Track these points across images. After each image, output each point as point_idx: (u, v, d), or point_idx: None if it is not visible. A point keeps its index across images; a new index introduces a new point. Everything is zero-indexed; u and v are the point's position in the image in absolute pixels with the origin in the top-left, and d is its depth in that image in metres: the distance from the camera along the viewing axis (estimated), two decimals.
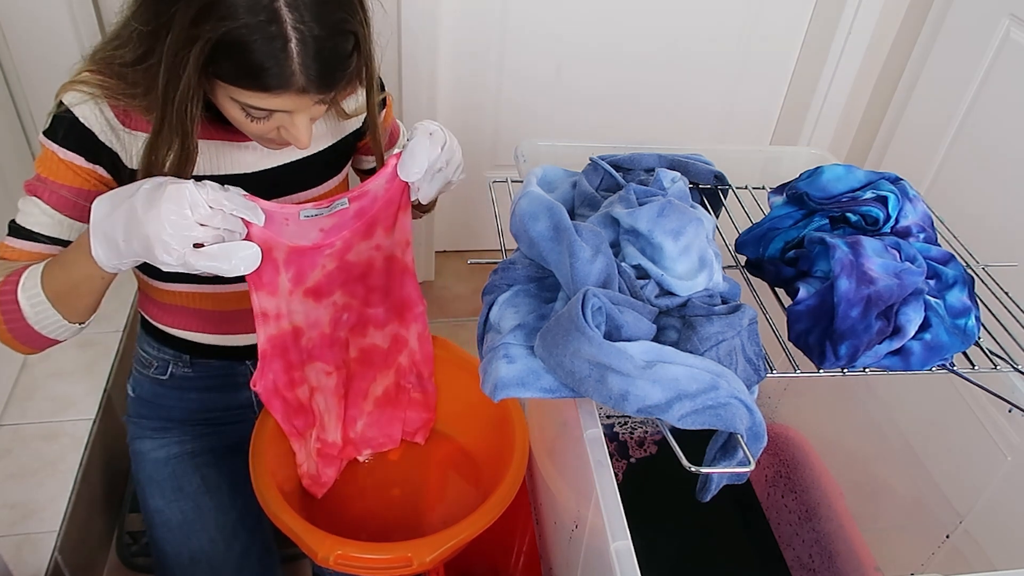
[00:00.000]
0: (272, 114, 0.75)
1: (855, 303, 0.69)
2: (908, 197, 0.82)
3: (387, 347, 0.99)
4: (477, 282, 2.05)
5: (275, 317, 0.85)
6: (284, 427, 0.93)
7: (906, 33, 1.82)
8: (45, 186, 0.81)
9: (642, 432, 1.29)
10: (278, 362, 0.89)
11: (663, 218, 0.70)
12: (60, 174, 0.81)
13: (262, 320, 0.84)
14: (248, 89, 0.71)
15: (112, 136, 0.82)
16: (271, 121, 0.76)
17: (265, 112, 0.74)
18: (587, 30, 1.79)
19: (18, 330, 0.79)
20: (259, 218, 0.75)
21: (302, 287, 0.85)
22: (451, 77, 1.81)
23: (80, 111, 0.79)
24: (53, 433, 1.27)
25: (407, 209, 0.87)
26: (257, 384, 0.88)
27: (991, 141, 1.58)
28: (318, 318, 0.90)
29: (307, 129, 0.78)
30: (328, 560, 0.79)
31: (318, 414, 0.98)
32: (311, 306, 0.88)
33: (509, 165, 1.88)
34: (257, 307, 0.82)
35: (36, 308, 0.78)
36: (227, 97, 0.74)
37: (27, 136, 1.46)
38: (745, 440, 0.63)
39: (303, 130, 0.77)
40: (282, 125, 0.78)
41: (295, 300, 0.86)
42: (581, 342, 0.61)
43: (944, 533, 0.97)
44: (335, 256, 0.85)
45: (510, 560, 1.20)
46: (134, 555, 1.32)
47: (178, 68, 0.70)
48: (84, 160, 0.81)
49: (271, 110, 0.74)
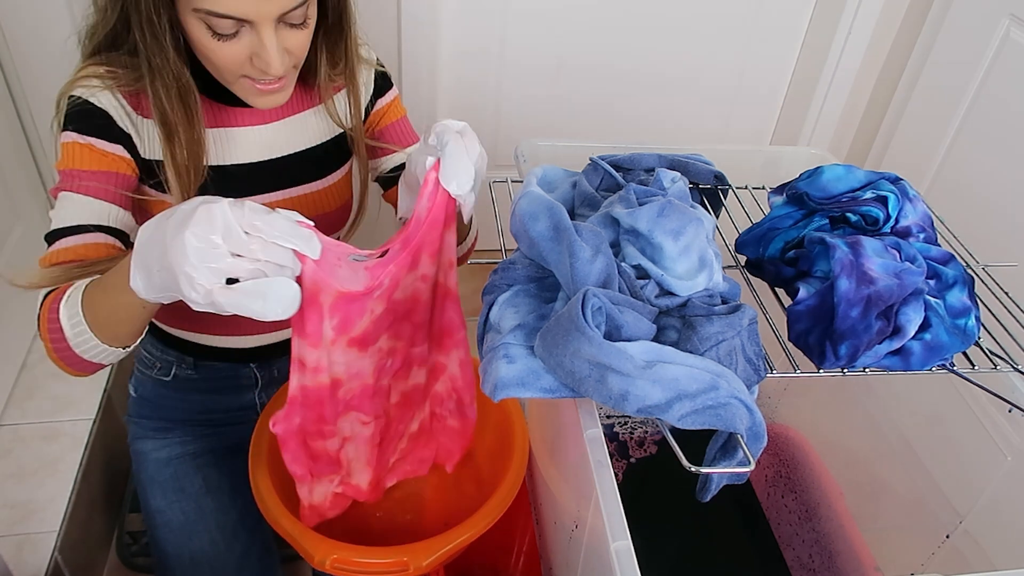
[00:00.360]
0: (239, 32, 0.74)
1: (855, 303, 0.69)
2: (908, 197, 0.82)
3: (426, 381, 0.89)
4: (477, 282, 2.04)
5: (313, 370, 0.74)
6: (293, 471, 0.82)
7: (906, 33, 1.82)
8: (71, 178, 0.80)
9: (642, 432, 1.29)
10: (309, 412, 0.78)
11: (663, 218, 0.70)
12: (83, 160, 0.80)
13: (298, 368, 0.73)
14: None
15: (128, 121, 0.82)
16: (240, 43, 0.75)
17: (229, 23, 0.72)
18: (587, 30, 1.79)
19: (62, 351, 0.73)
20: (315, 250, 0.61)
21: (346, 336, 0.73)
22: (451, 77, 1.81)
23: (95, 98, 0.80)
24: (53, 433, 1.27)
25: (452, 226, 0.76)
26: (278, 425, 0.77)
27: (991, 141, 1.58)
28: (360, 369, 0.78)
29: (277, 49, 0.76)
30: (324, 564, 0.79)
31: (345, 463, 0.88)
32: (354, 356, 0.76)
33: (509, 165, 1.86)
34: (296, 353, 0.71)
35: (76, 331, 0.71)
36: (190, 11, 0.72)
37: (27, 136, 1.46)
38: (745, 440, 0.63)
39: (272, 49, 0.75)
40: (254, 52, 0.76)
41: (337, 350, 0.74)
42: (581, 342, 0.61)
43: (944, 533, 0.97)
44: (383, 297, 0.74)
45: (510, 560, 1.20)
46: (134, 555, 1.32)
47: None
48: (105, 142, 0.81)
49: (232, 17, 0.72)
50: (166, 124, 0.80)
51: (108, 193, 0.80)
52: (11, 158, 1.41)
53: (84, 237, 0.78)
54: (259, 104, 0.83)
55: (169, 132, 0.80)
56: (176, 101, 0.79)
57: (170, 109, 0.79)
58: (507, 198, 0.86)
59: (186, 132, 0.81)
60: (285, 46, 0.77)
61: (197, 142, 0.82)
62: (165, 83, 0.77)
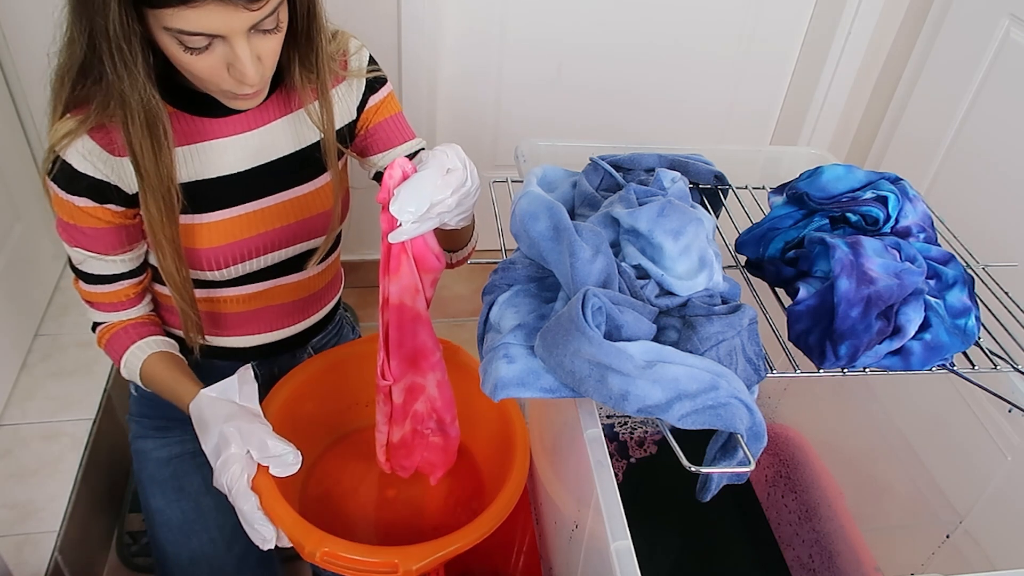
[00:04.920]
0: (211, 44, 0.73)
1: (855, 303, 0.69)
2: (908, 197, 0.82)
3: (402, 400, 0.91)
4: (477, 282, 2.05)
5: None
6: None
7: (906, 33, 1.82)
8: (78, 234, 0.87)
9: (642, 432, 1.29)
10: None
11: (663, 218, 0.70)
12: (81, 219, 0.86)
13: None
14: (169, 5, 0.69)
15: (107, 169, 0.83)
16: (214, 54, 0.74)
17: (200, 39, 0.72)
18: (588, 30, 1.79)
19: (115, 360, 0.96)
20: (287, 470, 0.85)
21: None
22: (451, 76, 1.81)
23: (72, 158, 0.82)
24: (53, 433, 1.27)
25: (406, 250, 0.76)
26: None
27: (991, 141, 1.58)
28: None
29: (251, 60, 0.75)
30: (315, 556, 0.79)
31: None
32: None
33: (509, 165, 1.87)
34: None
35: (133, 380, 0.97)
36: (160, 29, 0.72)
37: (27, 136, 1.46)
38: (745, 440, 0.63)
39: (247, 61, 0.75)
40: (229, 62, 0.76)
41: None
42: (581, 342, 0.61)
43: (944, 533, 0.97)
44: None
45: (510, 560, 1.20)
46: (134, 555, 1.32)
47: (102, 8, 0.69)
48: (94, 202, 0.85)
49: (203, 33, 0.71)
50: (133, 154, 0.80)
51: (117, 243, 0.89)
52: (11, 158, 1.41)
53: (110, 287, 0.93)
54: (236, 106, 0.85)
55: (136, 162, 0.80)
56: (142, 129, 0.78)
57: (135, 137, 0.78)
58: (507, 198, 0.86)
59: (153, 161, 0.80)
60: (258, 53, 0.77)
61: (166, 168, 0.82)
62: (131, 111, 0.76)
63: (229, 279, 0.97)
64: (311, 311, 1.10)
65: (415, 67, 1.69)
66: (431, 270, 0.80)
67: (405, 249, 0.76)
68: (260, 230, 0.94)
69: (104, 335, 0.96)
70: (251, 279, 0.99)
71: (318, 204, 0.97)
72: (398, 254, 0.76)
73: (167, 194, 0.83)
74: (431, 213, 0.72)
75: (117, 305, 0.94)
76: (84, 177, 0.83)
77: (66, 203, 0.85)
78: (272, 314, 1.05)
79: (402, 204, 0.71)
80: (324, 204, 0.98)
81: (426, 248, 0.78)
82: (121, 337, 0.95)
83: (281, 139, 0.93)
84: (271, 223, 0.95)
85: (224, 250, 0.93)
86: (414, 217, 0.71)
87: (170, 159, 0.82)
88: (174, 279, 0.90)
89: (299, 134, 0.94)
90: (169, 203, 0.84)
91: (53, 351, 1.41)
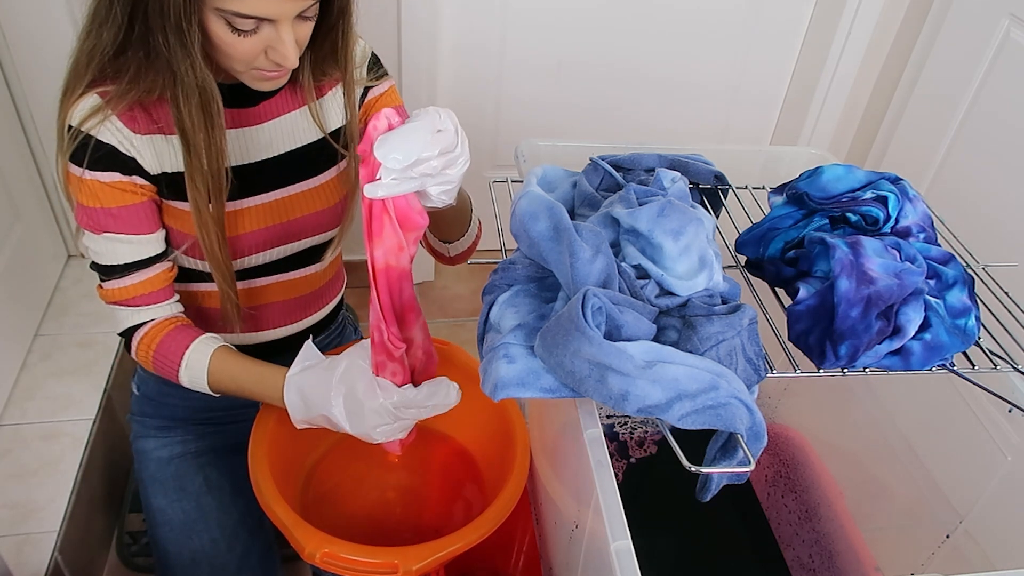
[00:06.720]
0: (258, 28, 0.75)
1: (855, 303, 0.69)
2: (908, 197, 0.82)
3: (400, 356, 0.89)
4: (477, 282, 2.05)
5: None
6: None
7: (906, 33, 1.82)
8: (106, 217, 0.83)
9: (642, 432, 1.29)
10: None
11: (663, 218, 0.70)
12: (109, 198, 0.83)
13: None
14: None
15: (129, 146, 0.82)
16: (258, 37, 0.76)
17: (250, 21, 0.74)
18: (588, 30, 1.80)
19: (168, 377, 0.92)
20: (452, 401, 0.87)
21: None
22: (451, 76, 1.81)
23: (96, 131, 0.80)
24: (53, 433, 1.27)
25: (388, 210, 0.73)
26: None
27: (991, 141, 1.58)
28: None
29: (293, 44, 0.77)
30: (315, 557, 0.79)
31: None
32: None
33: (509, 165, 1.87)
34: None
35: (195, 385, 0.91)
36: (212, 9, 0.73)
37: (27, 136, 1.46)
38: (745, 440, 0.63)
39: (289, 44, 0.77)
40: (269, 45, 0.77)
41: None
42: (581, 342, 0.61)
43: (944, 533, 0.97)
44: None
45: (510, 560, 1.20)
46: (134, 555, 1.32)
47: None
48: (122, 175, 0.83)
49: (256, 16, 0.73)
50: (184, 132, 0.80)
51: (146, 223, 0.86)
52: (11, 158, 1.41)
53: (139, 275, 0.87)
54: (261, 87, 0.85)
55: (187, 141, 0.80)
56: (196, 109, 0.78)
57: (188, 116, 0.79)
58: (507, 198, 0.86)
59: (205, 140, 0.80)
60: (296, 38, 0.78)
61: (218, 148, 0.82)
62: (187, 91, 0.77)
63: (239, 270, 0.96)
64: (314, 308, 1.10)
65: (415, 67, 1.69)
66: (415, 228, 0.76)
67: (386, 208, 0.72)
68: (270, 222, 0.94)
69: (150, 343, 0.89)
70: (257, 273, 0.99)
71: (327, 198, 0.98)
72: (380, 215, 0.73)
73: (217, 174, 0.83)
74: (414, 171, 0.69)
75: (157, 295, 0.89)
76: (111, 150, 0.81)
77: (90, 183, 0.82)
78: (275, 311, 1.05)
79: (388, 149, 0.68)
80: (333, 198, 0.98)
81: (408, 207, 0.74)
82: (175, 339, 0.89)
83: (293, 132, 0.94)
84: (283, 215, 0.95)
85: (242, 239, 0.93)
86: (400, 164, 0.68)
87: (222, 138, 0.82)
88: (217, 259, 0.88)
89: (312, 128, 0.95)
90: (218, 183, 0.84)
91: (53, 351, 1.41)
